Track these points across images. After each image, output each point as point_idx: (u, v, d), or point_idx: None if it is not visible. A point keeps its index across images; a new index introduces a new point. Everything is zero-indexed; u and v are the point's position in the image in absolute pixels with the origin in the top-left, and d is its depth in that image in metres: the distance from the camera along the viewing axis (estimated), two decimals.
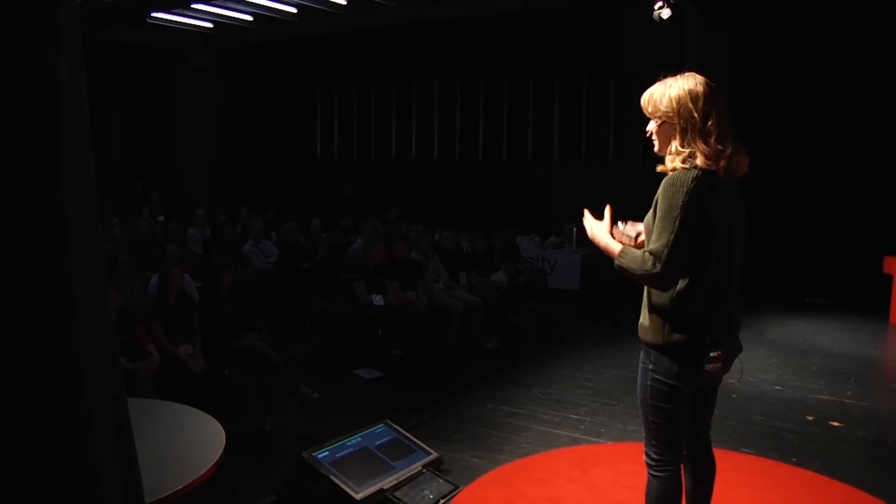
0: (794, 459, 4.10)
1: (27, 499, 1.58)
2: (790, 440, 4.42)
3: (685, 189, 2.23)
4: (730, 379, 2.55)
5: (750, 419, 4.76)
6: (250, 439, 4.51)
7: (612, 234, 2.49)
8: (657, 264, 2.23)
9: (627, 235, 2.51)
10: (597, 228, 2.51)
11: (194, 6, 11.17)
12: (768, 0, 9.42)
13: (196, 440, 2.70)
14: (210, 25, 12.68)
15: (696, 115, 2.30)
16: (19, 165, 1.56)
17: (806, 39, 9.28)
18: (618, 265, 2.35)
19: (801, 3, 9.14)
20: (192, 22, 12.40)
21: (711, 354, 2.32)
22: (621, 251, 2.36)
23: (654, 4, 7.34)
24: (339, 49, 13.18)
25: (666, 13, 7.30)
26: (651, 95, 2.42)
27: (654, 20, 7.37)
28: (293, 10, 11.46)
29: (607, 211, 2.53)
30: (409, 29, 11.66)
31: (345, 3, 10.82)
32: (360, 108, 13.89)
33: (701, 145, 2.29)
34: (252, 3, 11.16)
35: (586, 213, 2.59)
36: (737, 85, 9.33)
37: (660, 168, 2.38)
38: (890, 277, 7.90)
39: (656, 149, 2.43)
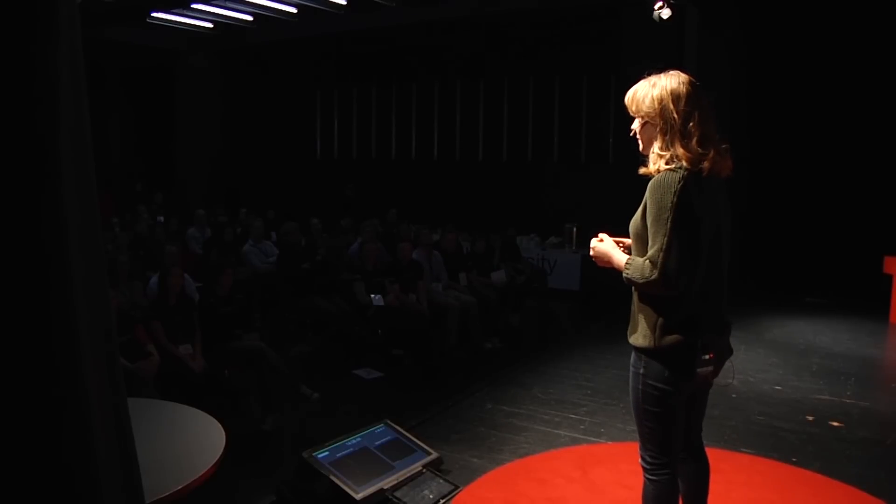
0: (794, 459, 4.10)
1: (28, 499, 1.58)
2: (790, 440, 4.42)
3: (673, 190, 2.20)
4: (724, 381, 2.53)
5: (750, 419, 4.76)
6: (250, 439, 4.51)
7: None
8: (654, 270, 2.21)
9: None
10: (600, 246, 2.49)
11: (194, 6, 11.17)
12: (768, 0, 9.42)
13: (196, 440, 2.70)
14: (210, 25, 12.68)
15: (676, 116, 2.26)
16: (19, 165, 1.56)
17: (806, 39, 9.28)
18: (625, 277, 2.33)
19: (801, 3, 9.14)
20: (192, 22, 12.40)
21: (703, 357, 2.28)
22: (627, 262, 2.33)
23: (654, 4, 7.33)
24: (339, 49, 13.17)
25: (666, 13, 7.29)
26: (635, 94, 2.39)
27: (654, 20, 7.36)
28: (293, 10, 11.46)
29: (605, 236, 2.54)
30: (409, 29, 11.65)
31: (345, 3, 10.82)
32: (360, 108, 13.89)
33: (680, 149, 2.26)
34: (252, 3, 11.15)
35: (598, 238, 2.56)
36: (736, 85, 9.34)
37: (642, 171, 2.35)
38: (890, 277, 7.90)
39: (641, 148, 2.41)
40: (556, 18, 10.85)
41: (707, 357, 2.29)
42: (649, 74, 2.39)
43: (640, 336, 2.36)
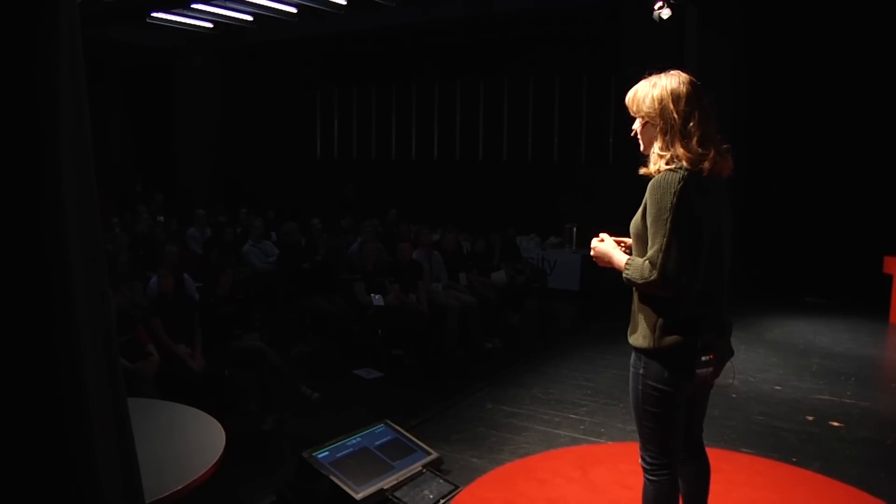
0: (794, 459, 4.10)
1: (28, 498, 1.58)
2: (790, 440, 4.42)
3: (673, 190, 2.20)
4: (725, 381, 2.53)
5: (750, 419, 4.76)
6: (250, 439, 4.51)
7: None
8: (654, 271, 2.20)
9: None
10: (600, 246, 2.50)
11: (194, 6, 11.16)
12: (769, 0, 9.42)
13: (196, 440, 2.70)
14: (210, 25, 12.68)
15: (676, 116, 2.26)
16: (19, 166, 1.56)
17: (806, 39, 9.28)
18: (625, 278, 2.33)
19: (802, 2, 9.14)
20: (192, 22, 12.39)
21: (703, 358, 2.27)
22: (627, 262, 2.33)
23: (654, 4, 7.33)
24: (339, 49, 13.17)
25: (666, 13, 7.28)
26: (635, 94, 2.38)
27: (654, 20, 7.36)
28: (293, 10, 11.46)
29: (606, 236, 2.55)
30: (409, 29, 11.65)
31: (345, 3, 10.82)
32: (360, 108, 13.89)
33: (680, 149, 2.25)
34: (252, 3, 11.15)
35: (598, 238, 2.56)
36: (736, 84, 9.34)
37: (643, 171, 2.34)
38: (890, 277, 7.89)
39: (641, 148, 2.41)
40: (556, 18, 10.84)
41: (707, 358, 2.28)
42: (650, 74, 2.38)
43: (639, 336, 2.36)
